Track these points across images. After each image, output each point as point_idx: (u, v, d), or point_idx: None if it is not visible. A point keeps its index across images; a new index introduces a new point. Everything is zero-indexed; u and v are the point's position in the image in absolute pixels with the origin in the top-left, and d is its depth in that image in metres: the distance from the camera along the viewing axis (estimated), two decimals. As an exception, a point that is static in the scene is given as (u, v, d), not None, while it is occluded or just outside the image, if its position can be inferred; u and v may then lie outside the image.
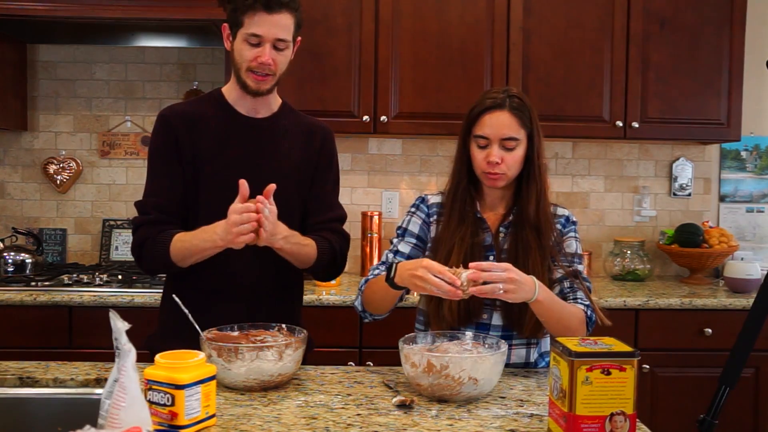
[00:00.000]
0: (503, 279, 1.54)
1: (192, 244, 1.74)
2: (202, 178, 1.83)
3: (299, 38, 1.85)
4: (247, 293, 1.84)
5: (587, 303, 1.76)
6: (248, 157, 1.85)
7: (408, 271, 1.61)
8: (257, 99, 1.85)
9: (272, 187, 1.67)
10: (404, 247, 1.86)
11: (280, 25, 1.74)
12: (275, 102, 1.92)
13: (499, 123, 1.73)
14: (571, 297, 1.76)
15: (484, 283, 1.54)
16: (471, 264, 1.56)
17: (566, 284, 1.77)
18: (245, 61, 1.77)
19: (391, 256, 1.87)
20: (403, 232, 1.89)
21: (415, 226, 1.88)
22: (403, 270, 1.63)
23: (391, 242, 1.91)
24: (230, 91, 1.88)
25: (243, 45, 1.76)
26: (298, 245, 1.80)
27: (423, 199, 1.91)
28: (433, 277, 1.55)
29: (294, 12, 1.77)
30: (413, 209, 1.91)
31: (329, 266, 1.90)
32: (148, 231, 1.80)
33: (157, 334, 1.93)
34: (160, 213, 1.81)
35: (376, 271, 1.85)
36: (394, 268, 1.65)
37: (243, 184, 1.63)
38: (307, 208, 1.93)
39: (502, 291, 1.54)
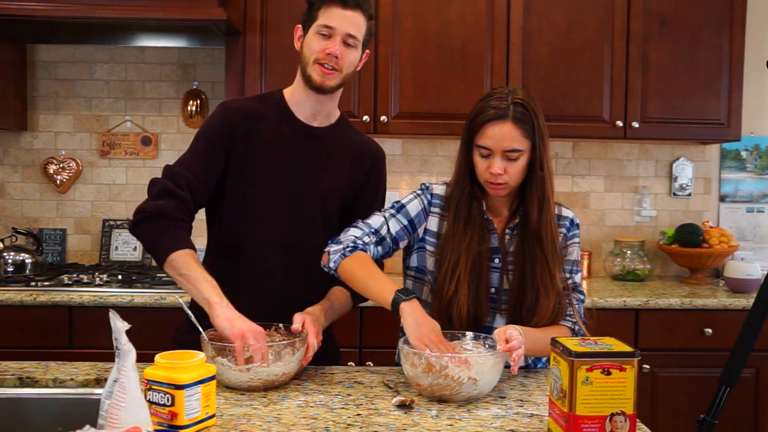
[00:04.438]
0: (522, 353, 1.58)
1: (185, 287, 1.68)
2: (250, 177, 1.82)
3: (368, 51, 1.86)
4: (274, 308, 1.79)
5: (574, 320, 1.78)
6: (297, 164, 1.84)
7: (425, 328, 1.57)
8: (318, 103, 1.84)
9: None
10: (394, 225, 1.81)
11: (353, 21, 1.77)
12: (334, 112, 1.91)
13: (501, 135, 1.68)
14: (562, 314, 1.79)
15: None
16: (502, 347, 1.57)
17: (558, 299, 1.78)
18: (314, 52, 1.77)
19: (384, 225, 1.80)
20: (399, 208, 1.83)
21: (414, 209, 1.83)
22: (419, 317, 1.59)
23: (383, 211, 1.85)
24: (292, 94, 1.87)
25: (314, 37, 1.77)
26: (337, 313, 1.86)
27: (427, 187, 1.86)
28: (437, 353, 1.53)
29: (367, 14, 1.80)
30: (419, 192, 1.86)
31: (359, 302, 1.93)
32: (171, 207, 1.71)
33: (184, 326, 1.87)
34: (190, 193, 1.75)
35: (366, 240, 1.77)
36: (410, 296, 1.62)
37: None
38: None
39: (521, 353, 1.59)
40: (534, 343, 1.64)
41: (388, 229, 1.81)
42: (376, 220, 1.82)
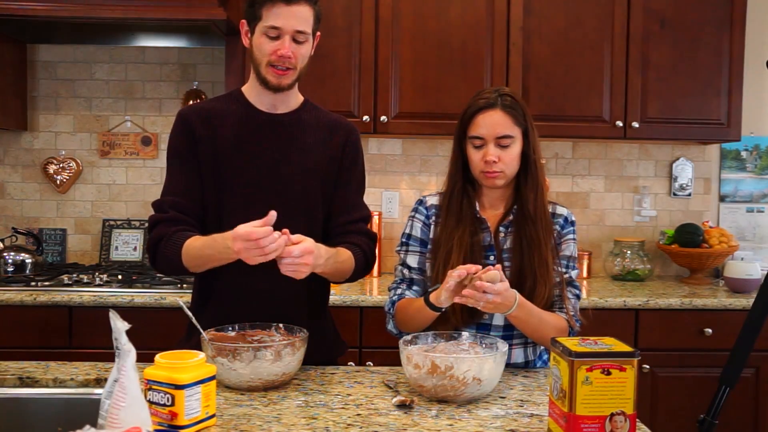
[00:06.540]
0: (491, 299, 1.59)
1: (203, 252, 1.69)
2: (223, 175, 1.80)
3: (318, 33, 1.82)
4: (267, 298, 1.79)
5: (572, 313, 1.80)
6: (269, 152, 1.82)
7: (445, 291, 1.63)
8: (277, 96, 1.82)
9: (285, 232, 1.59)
10: (413, 260, 1.86)
11: (299, 16, 1.72)
12: (296, 99, 1.88)
13: (492, 122, 1.75)
14: (557, 305, 1.80)
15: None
16: (481, 276, 1.59)
17: (556, 292, 1.80)
18: (265, 55, 1.74)
19: (403, 270, 1.87)
20: (407, 239, 1.88)
21: (418, 230, 1.87)
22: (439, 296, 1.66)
23: (398, 251, 1.90)
24: (250, 89, 1.86)
25: (262, 39, 1.73)
26: (337, 263, 1.75)
27: (421, 201, 1.90)
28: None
29: (313, 4, 1.75)
30: (413, 213, 1.90)
31: (363, 272, 1.87)
32: (164, 229, 1.75)
33: (183, 340, 1.86)
34: (178, 212, 1.77)
35: (399, 290, 1.84)
36: (429, 299, 1.68)
37: (272, 215, 1.57)
38: (332, 209, 1.89)
39: (482, 304, 1.60)
40: (529, 315, 1.68)
41: (410, 268, 1.87)
42: (397, 271, 1.90)
